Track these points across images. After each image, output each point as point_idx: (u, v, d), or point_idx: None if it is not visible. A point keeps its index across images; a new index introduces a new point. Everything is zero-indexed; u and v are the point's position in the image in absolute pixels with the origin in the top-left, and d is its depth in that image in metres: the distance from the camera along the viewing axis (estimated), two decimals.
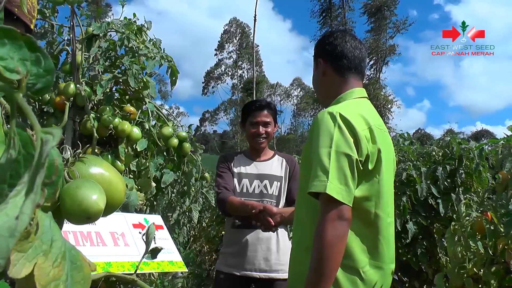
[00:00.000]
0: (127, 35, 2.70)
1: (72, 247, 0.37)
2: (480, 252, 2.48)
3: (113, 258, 2.19)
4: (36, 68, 0.30)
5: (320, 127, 1.71)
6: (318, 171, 1.63)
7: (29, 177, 0.26)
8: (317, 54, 2.02)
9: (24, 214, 0.24)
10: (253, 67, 18.32)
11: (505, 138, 2.52)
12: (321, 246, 1.57)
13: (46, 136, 0.27)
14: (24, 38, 0.30)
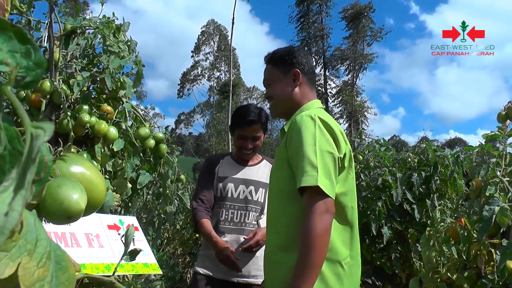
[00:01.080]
0: (100, 30, 2.67)
1: (57, 246, 0.36)
2: (453, 257, 2.52)
3: (87, 260, 2.15)
4: (26, 60, 0.29)
5: (301, 128, 1.81)
6: (306, 166, 1.72)
7: (18, 173, 0.25)
8: (292, 65, 2.06)
9: (15, 211, 0.23)
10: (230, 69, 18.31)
11: (480, 146, 2.57)
12: (310, 238, 1.64)
13: (36, 130, 0.26)
14: (14, 29, 0.29)
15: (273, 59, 2.13)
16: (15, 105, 0.28)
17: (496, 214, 2.18)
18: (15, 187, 0.24)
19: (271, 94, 2.10)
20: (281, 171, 1.90)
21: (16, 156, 0.30)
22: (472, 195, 2.61)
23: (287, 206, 1.85)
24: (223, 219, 2.86)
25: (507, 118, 2.69)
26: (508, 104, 2.77)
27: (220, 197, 2.90)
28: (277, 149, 2.00)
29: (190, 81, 51.21)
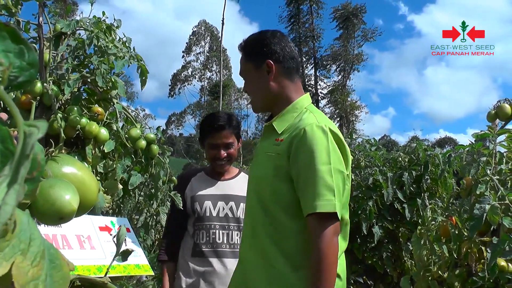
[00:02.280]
0: (96, 34, 2.66)
1: (51, 245, 0.36)
2: (444, 256, 2.53)
3: (79, 262, 2.14)
4: (20, 60, 0.29)
5: (313, 142, 1.63)
6: (322, 189, 1.58)
7: (11, 169, 0.25)
8: (263, 55, 1.82)
9: (8, 204, 0.23)
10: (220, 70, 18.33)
11: (471, 145, 2.59)
12: (324, 265, 1.55)
13: (29, 129, 0.26)
14: (7, 29, 0.29)
15: (244, 49, 1.90)
16: (8, 104, 0.28)
17: (487, 212, 2.20)
18: (8, 182, 0.24)
19: (246, 90, 1.93)
20: (279, 183, 1.69)
21: (8, 156, 0.31)
22: (462, 193, 2.63)
23: (292, 223, 1.68)
24: (204, 242, 2.61)
25: (496, 117, 2.71)
26: (497, 103, 2.80)
27: (198, 218, 2.67)
28: (266, 154, 1.78)
29: (181, 81, 51.13)
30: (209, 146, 2.71)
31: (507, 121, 2.70)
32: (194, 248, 2.64)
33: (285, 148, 1.69)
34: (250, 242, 1.79)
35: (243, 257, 1.84)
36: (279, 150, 1.71)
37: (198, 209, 2.68)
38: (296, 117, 1.79)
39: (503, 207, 2.30)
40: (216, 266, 2.55)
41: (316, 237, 1.57)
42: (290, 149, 1.67)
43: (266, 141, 1.83)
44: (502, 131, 2.58)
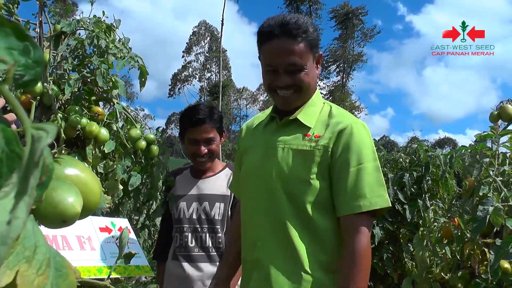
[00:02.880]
0: (96, 34, 2.65)
1: (56, 253, 0.34)
2: (447, 257, 2.52)
3: (79, 263, 2.13)
4: (25, 58, 0.28)
5: (361, 139, 1.62)
6: (375, 186, 1.58)
7: (19, 178, 0.23)
8: (315, 46, 1.69)
9: (18, 218, 0.21)
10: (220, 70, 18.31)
11: (473, 146, 2.58)
12: (364, 262, 1.53)
13: (38, 132, 0.25)
14: (11, 25, 0.28)
15: (307, 38, 1.64)
16: (13, 105, 0.26)
17: (490, 214, 2.19)
18: (16, 192, 0.23)
19: (301, 82, 1.66)
20: (317, 181, 1.61)
21: (14, 159, 0.29)
22: (465, 194, 2.62)
23: (329, 221, 1.62)
24: (178, 245, 2.51)
25: (499, 118, 2.70)
26: (500, 104, 2.78)
27: (176, 220, 2.58)
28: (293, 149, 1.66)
29: (181, 81, 51.15)
30: (188, 141, 2.55)
31: (509, 122, 2.68)
32: (174, 252, 2.55)
33: (327, 143, 1.62)
34: (274, 244, 1.64)
35: (263, 261, 1.65)
36: (318, 145, 1.63)
37: (174, 210, 2.60)
38: (321, 112, 1.74)
39: (506, 209, 2.29)
40: (190, 271, 2.43)
41: (357, 234, 1.54)
42: (335, 145, 1.61)
43: (285, 134, 1.70)
44: (505, 132, 2.57)
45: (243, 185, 1.83)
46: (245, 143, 1.89)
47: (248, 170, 1.79)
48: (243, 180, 1.83)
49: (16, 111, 0.26)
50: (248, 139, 1.88)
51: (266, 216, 1.67)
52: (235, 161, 2.03)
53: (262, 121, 1.87)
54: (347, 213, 1.57)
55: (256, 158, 1.75)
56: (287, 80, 1.64)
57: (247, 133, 1.93)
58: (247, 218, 1.78)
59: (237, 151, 1.99)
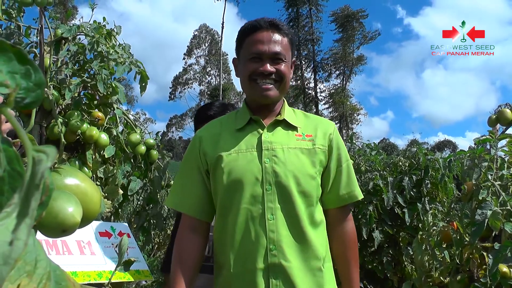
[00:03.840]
0: (97, 39, 2.66)
1: (56, 266, 0.35)
2: (446, 261, 2.53)
3: (79, 267, 2.14)
4: (26, 81, 0.29)
5: (342, 140, 1.82)
6: (355, 179, 1.80)
7: (20, 199, 0.24)
8: (294, 49, 1.81)
9: (20, 240, 0.22)
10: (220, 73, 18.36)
11: (472, 150, 2.58)
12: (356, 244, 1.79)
13: (38, 155, 0.26)
14: (14, 50, 0.29)
15: (290, 37, 1.76)
16: (15, 127, 0.27)
17: (489, 218, 2.20)
18: (18, 213, 0.24)
19: (283, 73, 1.70)
20: (319, 178, 1.72)
21: (15, 177, 0.30)
22: (464, 198, 2.63)
23: (321, 214, 1.74)
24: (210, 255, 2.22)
25: (497, 122, 2.71)
26: (498, 108, 2.79)
27: None
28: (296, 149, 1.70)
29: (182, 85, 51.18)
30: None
31: (508, 126, 2.69)
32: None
33: (323, 142, 1.74)
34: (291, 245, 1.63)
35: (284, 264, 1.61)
36: (317, 145, 1.72)
37: None
38: (296, 113, 1.86)
39: (505, 213, 2.29)
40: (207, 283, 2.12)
41: (350, 221, 1.79)
42: (330, 146, 1.74)
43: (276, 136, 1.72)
44: (503, 136, 2.58)
45: (233, 192, 1.67)
46: (217, 149, 1.72)
47: (241, 176, 1.66)
48: (232, 187, 1.67)
49: (18, 133, 0.27)
50: (220, 145, 1.73)
51: (279, 218, 1.63)
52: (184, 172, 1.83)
53: (230, 126, 1.79)
54: (345, 203, 1.76)
55: (248, 162, 1.67)
56: (271, 68, 1.67)
57: (213, 140, 1.77)
58: (243, 226, 1.65)
59: (188, 162, 1.82)
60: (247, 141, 1.72)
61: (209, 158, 1.73)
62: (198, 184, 1.76)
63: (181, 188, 1.80)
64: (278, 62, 1.69)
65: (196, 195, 1.76)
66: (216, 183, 1.71)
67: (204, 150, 1.76)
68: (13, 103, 0.28)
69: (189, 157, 1.81)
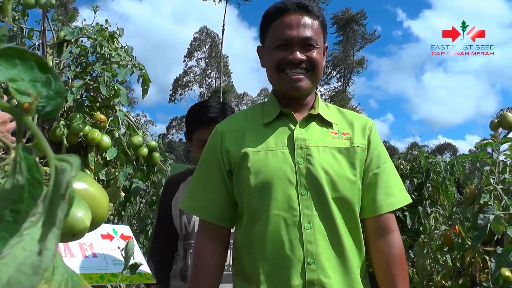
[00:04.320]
0: (99, 42, 2.67)
1: (73, 273, 0.35)
2: (448, 265, 2.53)
3: (81, 270, 2.13)
4: (47, 90, 0.29)
5: (378, 136, 1.61)
6: (400, 181, 1.58)
7: (45, 209, 0.25)
8: (325, 34, 1.60)
9: (49, 250, 0.22)
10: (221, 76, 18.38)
11: (474, 154, 2.59)
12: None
13: (61, 164, 0.26)
14: (35, 58, 0.29)
15: (321, 20, 1.54)
16: (37, 136, 0.28)
17: (491, 222, 2.20)
18: (43, 222, 0.24)
19: (315, 61, 1.49)
20: (357, 181, 1.49)
21: (35, 185, 0.30)
22: (465, 202, 2.63)
23: (359, 223, 1.51)
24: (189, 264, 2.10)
25: (499, 126, 2.71)
26: (500, 112, 2.80)
27: (186, 235, 2.11)
28: (332, 148, 1.49)
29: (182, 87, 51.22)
30: (197, 144, 2.12)
31: (510, 130, 2.69)
32: (181, 271, 2.14)
33: (363, 143, 1.52)
34: (329, 257, 1.43)
35: (323, 280, 1.40)
36: (355, 143, 1.51)
37: (186, 224, 2.11)
38: (330, 108, 1.63)
39: (507, 217, 2.30)
40: None
41: (396, 235, 1.52)
42: (369, 144, 1.53)
43: (310, 132, 1.52)
44: (505, 140, 2.58)
45: (262, 196, 1.45)
46: (242, 147, 1.51)
47: (271, 177, 1.44)
48: (261, 190, 1.45)
49: (39, 142, 0.28)
50: (245, 142, 1.51)
51: (317, 227, 1.42)
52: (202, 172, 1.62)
53: (256, 121, 1.58)
54: (382, 211, 1.49)
55: (279, 162, 1.46)
56: (301, 56, 1.46)
57: (237, 135, 1.54)
58: (275, 235, 1.42)
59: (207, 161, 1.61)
60: (277, 137, 1.51)
61: (233, 157, 1.52)
62: (219, 186, 1.55)
63: (199, 191, 1.59)
64: (309, 48, 1.47)
65: (217, 199, 1.55)
66: (241, 184, 1.50)
67: (227, 147, 1.54)
68: (34, 111, 0.29)
69: (208, 155, 1.59)
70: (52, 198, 0.25)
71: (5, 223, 0.31)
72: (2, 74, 0.27)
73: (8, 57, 0.28)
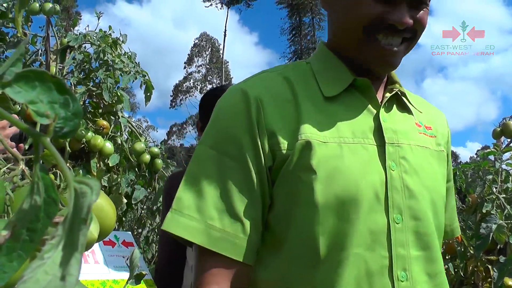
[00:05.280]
0: (103, 48, 2.68)
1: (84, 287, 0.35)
2: (450, 273, 2.52)
3: (82, 276, 2.13)
4: (64, 111, 0.29)
5: None
6: None
7: (65, 232, 0.25)
8: None
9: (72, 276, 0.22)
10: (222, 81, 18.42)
11: (476, 163, 2.59)
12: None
13: (81, 187, 0.26)
14: (54, 80, 0.29)
15: None
16: (56, 158, 0.28)
17: (494, 231, 2.20)
18: (64, 245, 0.24)
19: (422, 27, 0.96)
20: None
21: (51, 204, 0.31)
22: (468, 210, 2.63)
23: None
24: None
25: (502, 135, 2.72)
26: (502, 120, 2.81)
27: None
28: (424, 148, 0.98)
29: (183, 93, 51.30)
30: None
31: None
32: None
33: (442, 143, 1.07)
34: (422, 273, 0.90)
35: None
36: (441, 143, 1.06)
37: None
38: None
39: (510, 226, 2.29)
40: None
41: None
42: (448, 148, 1.10)
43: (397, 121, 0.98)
44: (508, 148, 2.59)
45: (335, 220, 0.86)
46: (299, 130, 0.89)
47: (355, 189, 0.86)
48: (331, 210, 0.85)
49: (58, 165, 0.28)
50: (302, 123, 0.90)
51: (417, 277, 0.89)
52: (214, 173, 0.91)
53: (311, 90, 0.96)
54: (458, 233, 1.17)
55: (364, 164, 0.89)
56: (409, 19, 0.91)
57: (285, 110, 0.92)
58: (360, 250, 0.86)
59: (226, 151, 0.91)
60: (354, 123, 0.93)
61: (281, 145, 0.89)
62: (255, 198, 0.89)
63: (210, 205, 0.88)
64: (420, 7, 0.93)
65: (249, 221, 0.88)
66: (293, 198, 0.88)
67: (270, 127, 0.89)
68: (52, 132, 0.29)
69: (231, 143, 0.91)
70: (73, 222, 0.25)
71: (21, 242, 0.31)
72: (22, 96, 0.28)
73: (28, 79, 0.28)
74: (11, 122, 0.31)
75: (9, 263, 0.31)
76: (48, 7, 2.54)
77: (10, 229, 0.29)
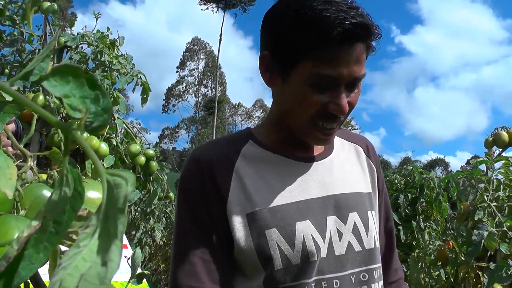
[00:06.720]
0: (101, 49, 2.68)
1: None
2: (441, 279, 2.54)
3: None
4: (95, 106, 0.30)
5: None
6: None
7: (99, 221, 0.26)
8: None
9: (113, 261, 0.23)
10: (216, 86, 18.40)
11: (469, 172, 2.62)
12: None
13: (114, 178, 0.27)
14: (86, 76, 0.30)
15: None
16: (87, 152, 0.29)
17: (485, 238, 2.22)
18: (99, 234, 0.25)
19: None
20: None
21: (76, 197, 0.31)
22: (459, 218, 2.65)
23: None
24: None
25: (494, 144, 2.75)
26: (494, 130, 2.84)
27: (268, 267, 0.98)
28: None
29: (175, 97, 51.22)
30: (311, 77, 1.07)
31: (504, 149, 2.73)
32: None
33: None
34: None
35: None
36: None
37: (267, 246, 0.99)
38: None
39: (500, 233, 2.32)
40: None
41: None
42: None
43: None
44: (499, 158, 2.61)
45: None
46: None
47: None
48: None
49: (90, 157, 0.29)
50: None
51: None
52: None
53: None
54: None
55: None
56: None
57: None
58: None
59: None
60: None
61: None
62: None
63: None
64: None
65: None
66: None
67: None
68: (83, 127, 0.30)
69: None
70: (107, 212, 0.26)
71: (48, 234, 0.32)
72: (58, 89, 0.29)
73: (63, 74, 0.29)
74: (41, 115, 0.32)
75: (36, 254, 0.32)
76: (46, 6, 2.54)
77: (41, 219, 0.30)
